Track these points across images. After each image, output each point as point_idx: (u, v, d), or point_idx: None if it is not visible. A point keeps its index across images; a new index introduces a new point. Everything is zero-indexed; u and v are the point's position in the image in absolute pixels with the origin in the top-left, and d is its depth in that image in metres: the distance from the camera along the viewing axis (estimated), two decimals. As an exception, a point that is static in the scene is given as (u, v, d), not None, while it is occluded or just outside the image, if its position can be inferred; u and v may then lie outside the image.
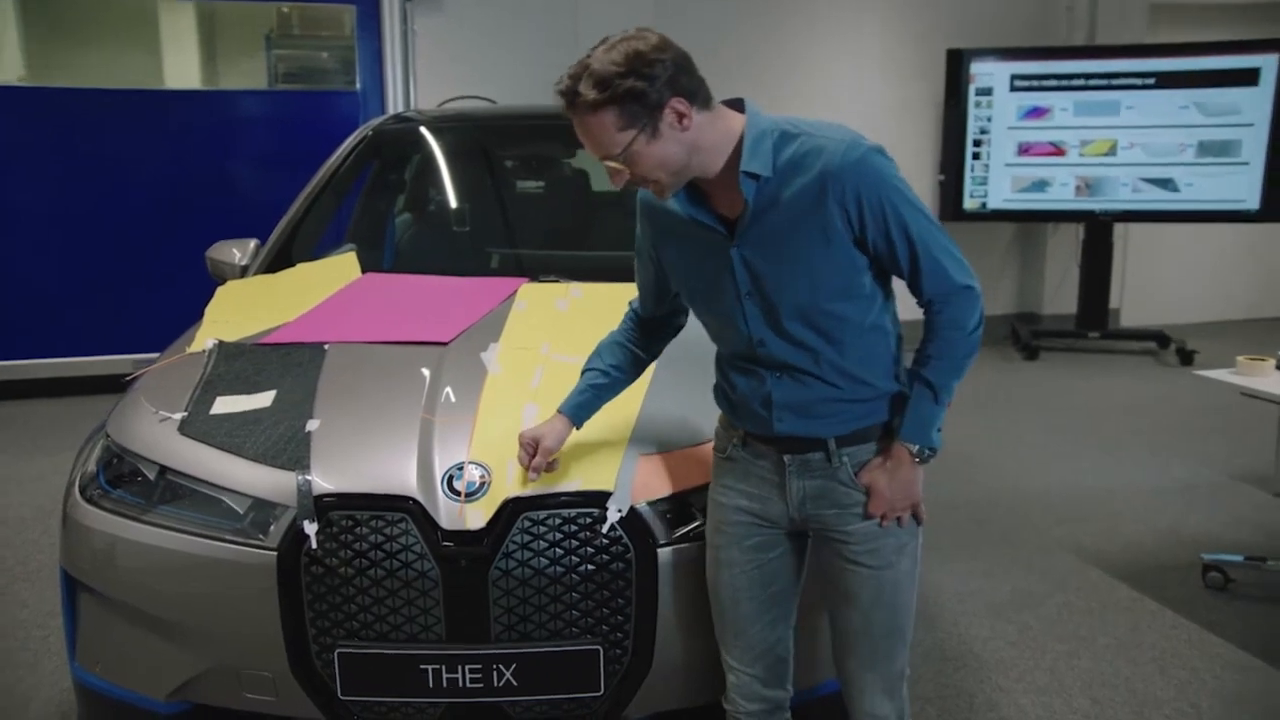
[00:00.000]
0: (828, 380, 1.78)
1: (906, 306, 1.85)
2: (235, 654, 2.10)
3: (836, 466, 1.82)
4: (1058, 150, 6.57)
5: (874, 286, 1.77)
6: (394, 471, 2.08)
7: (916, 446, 1.80)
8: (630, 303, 2.06)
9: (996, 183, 6.69)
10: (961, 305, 1.73)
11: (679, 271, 1.86)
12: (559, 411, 2.02)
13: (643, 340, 2.05)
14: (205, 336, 2.62)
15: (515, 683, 2.04)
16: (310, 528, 2.02)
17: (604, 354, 2.03)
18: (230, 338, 2.61)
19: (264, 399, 2.31)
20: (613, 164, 1.65)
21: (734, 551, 1.92)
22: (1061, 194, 6.61)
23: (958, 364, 1.77)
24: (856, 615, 1.87)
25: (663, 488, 2.09)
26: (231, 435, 2.20)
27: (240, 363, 2.49)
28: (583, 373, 2.04)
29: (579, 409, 2.03)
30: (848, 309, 1.75)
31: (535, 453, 2.00)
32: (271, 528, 2.05)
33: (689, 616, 2.08)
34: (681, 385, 2.27)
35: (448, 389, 2.27)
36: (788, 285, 1.73)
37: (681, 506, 2.11)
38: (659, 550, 2.04)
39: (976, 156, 6.72)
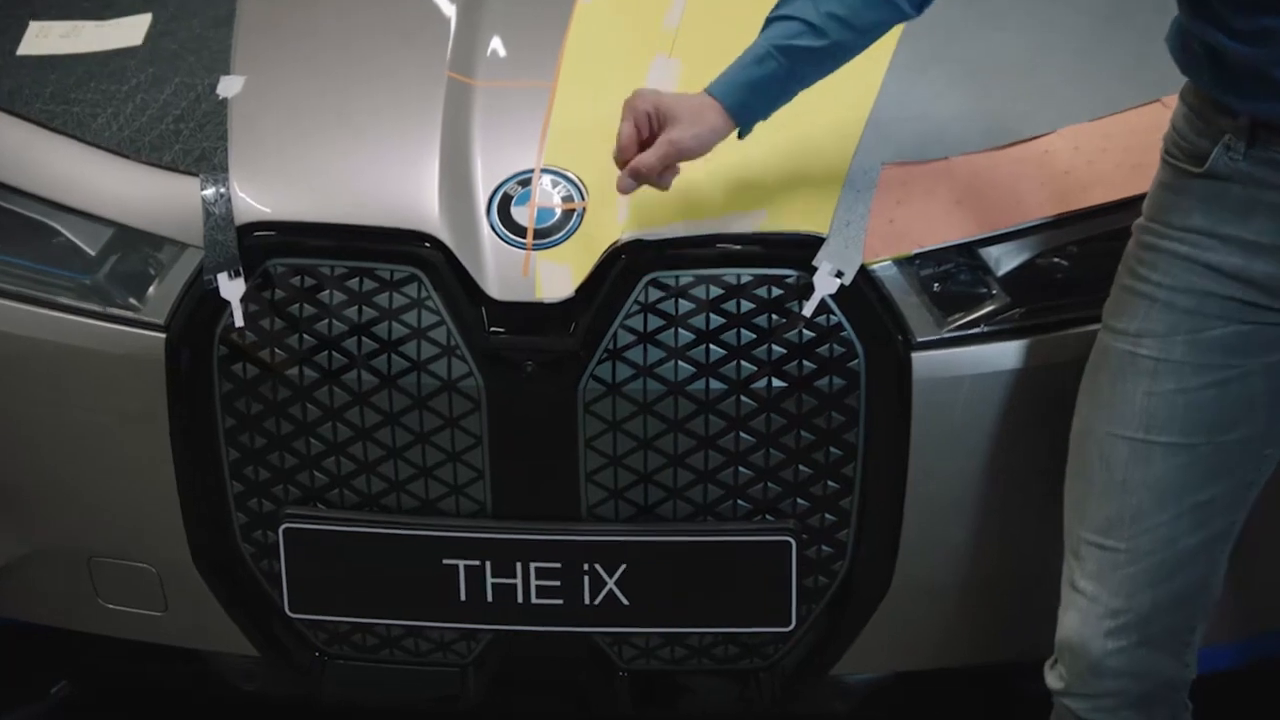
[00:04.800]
0: None
1: None
2: (83, 529, 2.16)
3: None
4: None
5: None
6: (394, 184, 2.08)
7: None
8: None
9: None
10: None
11: None
12: (709, 94, 1.97)
13: None
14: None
15: (624, 599, 2.07)
16: (230, 288, 2.02)
17: None
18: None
19: (129, 30, 2.30)
20: None
21: (1177, 347, 1.86)
22: None
23: None
24: None
25: (929, 232, 2.06)
26: (66, 100, 2.20)
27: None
28: (768, 24, 1.99)
29: (752, 96, 1.98)
30: None
31: (648, 135, 1.96)
32: (152, 287, 2.07)
33: (971, 488, 2.08)
34: (962, 27, 2.22)
35: (496, 33, 2.26)
36: None
37: (966, 272, 2.09)
38: (915, 355, 2.03)
39: None
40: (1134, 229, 1.91)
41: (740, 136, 1.98)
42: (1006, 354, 2.04)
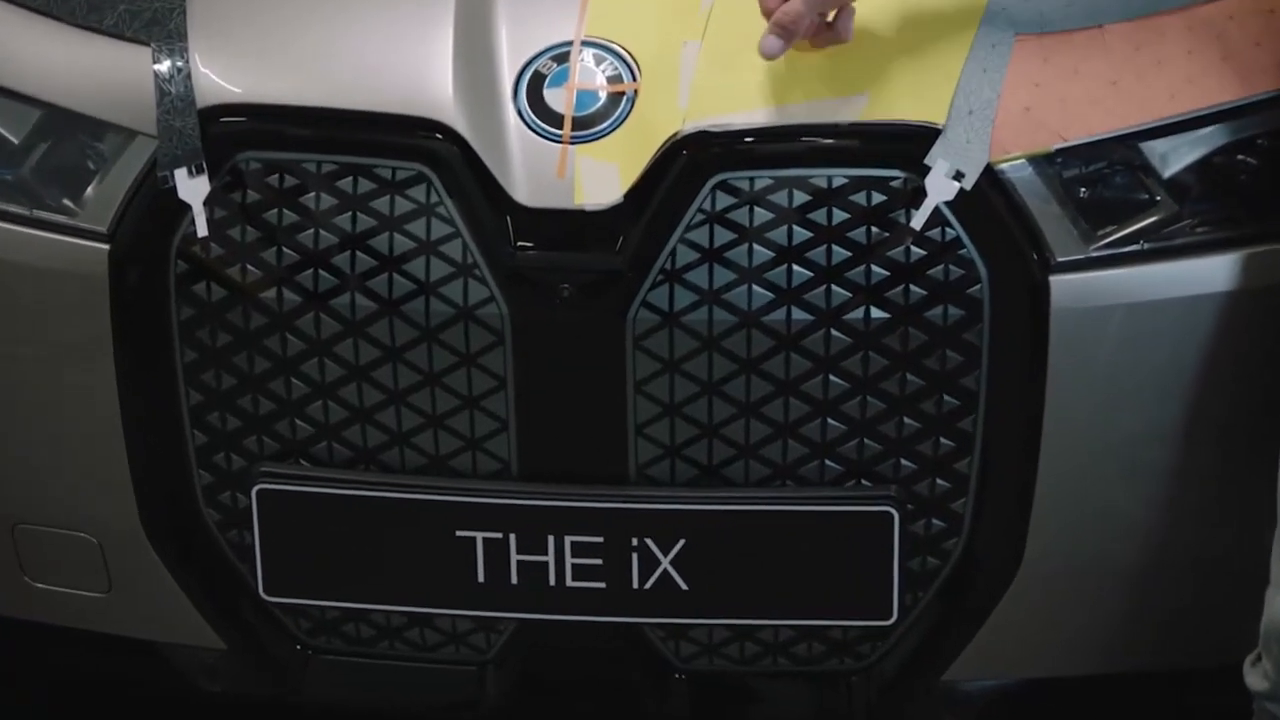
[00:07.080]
0: None
1: None
2: (4, 490, 2.21)
3: None
4: None
5: None
6: (397, 58, 2.09)
7: None
8: None
9: None
10: None
11: None
12: None
13: None
14: None
15: (682, 583, 2.08)
16: (191, 187, 2.01)
17: None
18: None
19: None
20: None
21: None
22: None
23: None
24: None
25: (1075, 121, 2.03)
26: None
27: None
28: None
29: None
30: None
31: None
32: (92, 186, 2.09)
33: (1126, 446, 2.09)
34: None
35: None
36: None
37: (1123, 173, 2.07)
38: (1054, 279, 2.01)
39: None
40: None
41: None
42: (1174, 278, 2.01)
